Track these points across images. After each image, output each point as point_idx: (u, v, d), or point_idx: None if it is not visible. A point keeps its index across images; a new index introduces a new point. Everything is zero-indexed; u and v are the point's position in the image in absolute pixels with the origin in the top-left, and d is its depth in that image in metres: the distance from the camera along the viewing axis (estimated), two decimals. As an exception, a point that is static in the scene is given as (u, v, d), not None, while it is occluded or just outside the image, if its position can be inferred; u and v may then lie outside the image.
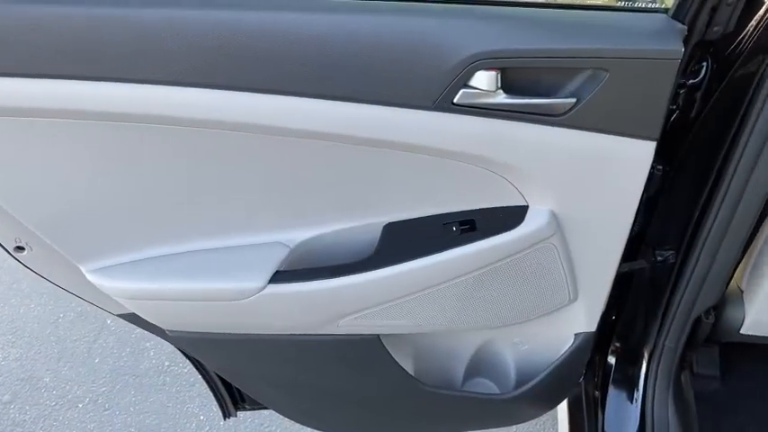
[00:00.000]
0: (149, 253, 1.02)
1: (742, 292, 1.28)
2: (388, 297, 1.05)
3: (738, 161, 1.01)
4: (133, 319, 1.12)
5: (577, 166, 0.94)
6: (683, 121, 1.12)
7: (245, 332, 1.09)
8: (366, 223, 1.05)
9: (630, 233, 1.08)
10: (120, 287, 1.01)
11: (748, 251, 1.24)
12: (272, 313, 1.04)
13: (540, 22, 0.90)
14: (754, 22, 0.98)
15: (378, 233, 1.05)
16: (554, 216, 1.00)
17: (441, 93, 0.88)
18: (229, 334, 1.09)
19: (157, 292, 1.01)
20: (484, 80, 0.87)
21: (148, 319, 1.08)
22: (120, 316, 1.15)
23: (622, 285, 1.30)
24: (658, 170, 1.12)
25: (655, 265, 1.22)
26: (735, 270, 1.22)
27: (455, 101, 0.88)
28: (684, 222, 1.15)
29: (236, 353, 1.13)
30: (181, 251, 1.03)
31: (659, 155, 1.03)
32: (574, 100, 0.89)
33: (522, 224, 1.00)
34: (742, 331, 1.28)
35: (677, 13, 0.90)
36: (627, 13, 0.93)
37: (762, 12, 0.96)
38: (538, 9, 0.93)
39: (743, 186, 1.03)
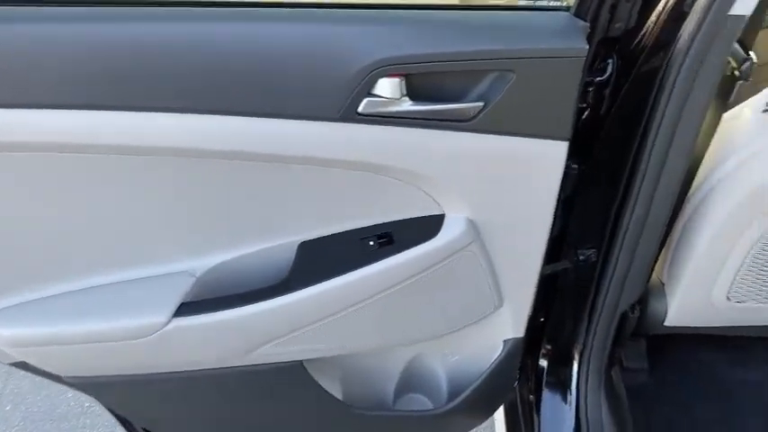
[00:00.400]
0: (33, 294, 0.92)
1: (663, 284, 1.30)
2: (307, 320, 0.99)
3: (649, 156, 1.01)
4: (26, 366, 1.02)
5: (490, 170, 0.92)
6: (595, 119, 1.12)
7: (153, 371, 1.00)
8: (279, 244, 0.98)
9: (551, 234, 1.06)
10: (2, 335, 0.91)
11: (666, 244, 1.26)
12: (180, 349, 0.96)
13: (442, 25, 0.87)
14: (654, 18, 0.98)
15: (292, 253, 0.99)
16: (471, 223, 0.97)
17: (344, 103, 0.83)
18: (135, 375, 1.00)
19: (46, 337, 0.91)
20: (388, 88, 0.83)
21: (40, 367, 0.98)
22: (12, 365, 1.04)
23: (548, 287, 1.29)
24: (574, 169, 1.11)
25: (577, 264, 1.21)
26: (655, 264, 1.23)
27: (359, 110, 0.84)
28: (603, 220, 1.15)
29: (145, 394, 1.04)
30: (71, 289, 0.93)
31: (574, 154, 1.02)
32: (481, 104, 0.86)
33: (440, 234, 0.97)
34: (666, 323, 1.30)
35: (579, 11, 0.89)
36: (530, 13, 0.91)
37: (660, 7, 0.97)
38: (439, 12, 0.89)
39: (655, 180, 1.03)
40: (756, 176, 1.05)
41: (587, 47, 0.85)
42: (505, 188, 0.94)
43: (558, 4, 0.94)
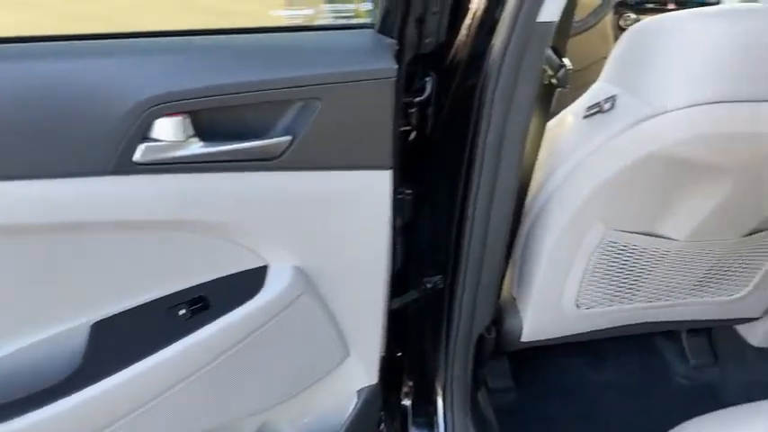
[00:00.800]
0: None
1: (515, 300, 1.26)
2: (112, 417, 0.81)
3: (480, 172, 0.95)
4: None
5: (310, 211, 0.81)
6: (423, 141, 1.05)
7: None
8: (65, 329, 0.80)
9: (395, 265, 0.98)
10: None
11: (512, 259, 1.22)
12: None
13: (229, 52, 0.75)
14: (465, 30, 0.93)
15: (84, 337, 0.81)
16: (300, 271, 0.86)
17: (115, 152, 0.68)
18: None
19: None
20: (168, 129, 0.70)
21: None
22: None
23: (400, 322, 1.21)
24: (408, 195, 1.04)
25: (426, 293, 1.14)
26: (502, 281, 1.19)
27: (136, 159, 0.69)
28: (445, 244, 1.08)
29: None
30: None
31: (406, 179, 0.95)
32: (289, 138, 0.76)
33: (264, 288, 0.84)
34: (522, 339, 1.26)
35: (384, 28, 0.81)
36: (332, 33, 0.82)
37: (469, 19, 0.92)
38: (226, 36, 0.77)
39: (490, 196, 0.98)
40: (587, 183, 1.03)
41: (396, 66, 0.77)
42: (331, 228, 0.84)
43: (363, 21, 0.85)
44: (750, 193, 1.00)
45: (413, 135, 1.05)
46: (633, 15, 2.01)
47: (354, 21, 0.88)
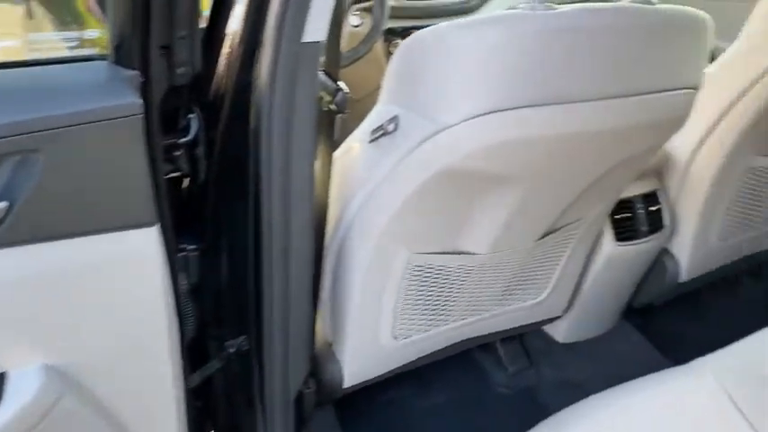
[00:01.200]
0: None
1: (331, 345, 1.16)
2: None
3: (270, 216, 0.85)
4: None
5: (51, 292, 0.64)
6: (199, 187, 0.92)
7: None
8: None
9: (186, 336, 0.83)
10: None
11: (320, 302, 1.12)
12: None
13: None
14: (224, 58, 0.83)
15: None
16: (53, 371, 0.67)
17: None
18: None
19: None
20: None
21: None
22: None
23: (205, 398, 1.05)
24: (193, 251, 0.90)
25: (230, 359, 0.99)
26: (314, 328, 1.08)
27: None
28: (244, 300, 0.95)
29: None
30: None
31: (187, 233, 0.81)
32: (5, 204, 0.58)
33: (3, 403, 0.64)
34: (345, 385, 1.16)
35: (120, 58, 0.67)
36: (50, 68, 0.67)
37: (227, 47, 0.81)
38: None
39: (284, 239, 0.88)
40: (383, 210, 0.97)
41: (141, 101, 0.64)
42: (86, 309, 0.68)
43: (94, 52, 0.70)
44: (538, 198, 1.02)
45: (186, 182, 0.92)
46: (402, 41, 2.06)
47: (84, 52, 0.73)
